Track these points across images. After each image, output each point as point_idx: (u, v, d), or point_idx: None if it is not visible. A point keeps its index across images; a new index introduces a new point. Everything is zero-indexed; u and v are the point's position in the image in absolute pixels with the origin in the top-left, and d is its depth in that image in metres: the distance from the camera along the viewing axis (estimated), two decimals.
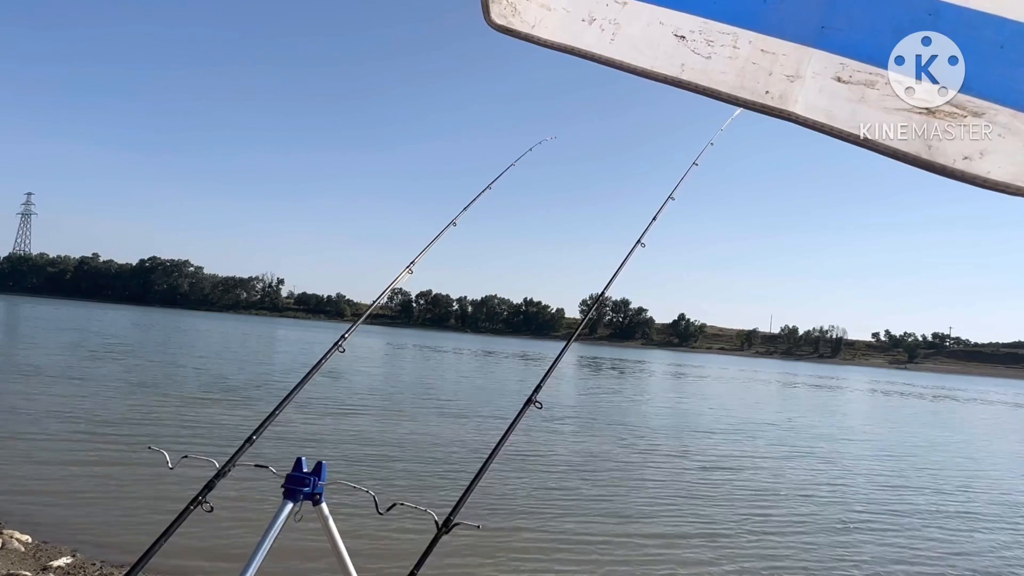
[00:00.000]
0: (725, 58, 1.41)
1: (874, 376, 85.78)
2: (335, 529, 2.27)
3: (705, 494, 9.95)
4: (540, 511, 8.22)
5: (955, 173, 1.23)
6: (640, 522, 8.17)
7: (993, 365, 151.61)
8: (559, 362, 2.57)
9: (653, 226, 2.94)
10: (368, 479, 8.93)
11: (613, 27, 1.50)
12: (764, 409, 26.09)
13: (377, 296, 3.23)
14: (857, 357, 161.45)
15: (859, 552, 7.72)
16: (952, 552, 8.08)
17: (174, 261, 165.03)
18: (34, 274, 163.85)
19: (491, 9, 1.57)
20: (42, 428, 10.59)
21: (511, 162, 3.84)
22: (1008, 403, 46.17)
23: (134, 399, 14.33)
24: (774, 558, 7.24)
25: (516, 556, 6.60)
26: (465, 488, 2.14)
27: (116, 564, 5.57)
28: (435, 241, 3.23)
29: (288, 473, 2.13)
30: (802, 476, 12.14)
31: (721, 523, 8.42)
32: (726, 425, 18.93)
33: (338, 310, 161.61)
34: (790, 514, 9.20)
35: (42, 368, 18.46)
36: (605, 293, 2.99)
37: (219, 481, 2.24)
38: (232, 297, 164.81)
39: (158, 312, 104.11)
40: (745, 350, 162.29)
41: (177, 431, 11.32)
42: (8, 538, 5.73)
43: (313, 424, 12.85)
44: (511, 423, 2.29)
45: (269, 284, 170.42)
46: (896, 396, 43.68)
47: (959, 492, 11.99)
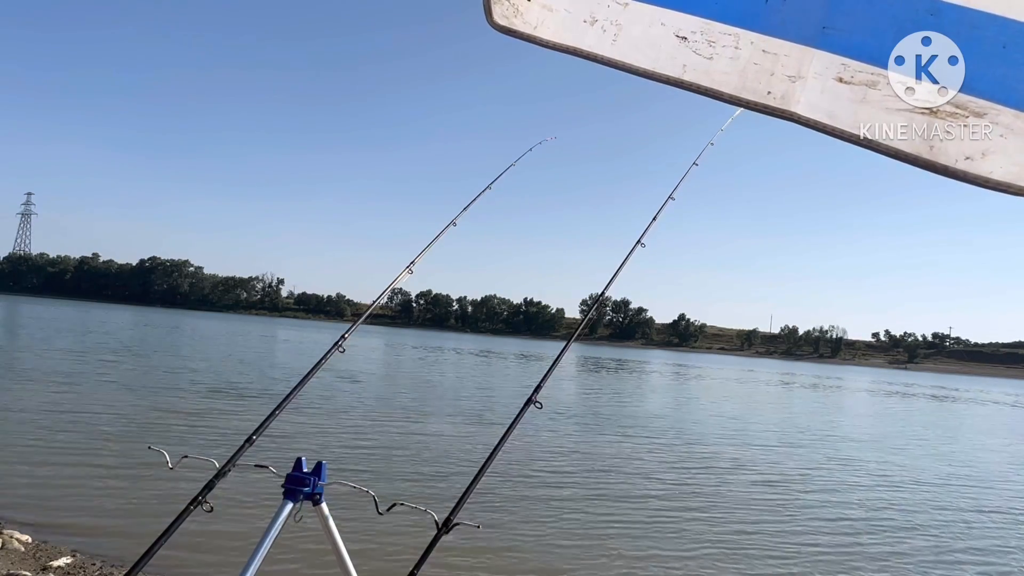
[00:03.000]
0: (727, 59, 1.41)
1: (875, 376, 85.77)
2: (335, 529, 2.26)
3: (706, 493, 9.95)
4: (540, 511, 8.22)
5: (957, 173, 1.23)
6: (640, 521, 8.17)
7: (993, 365, 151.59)
8: (559, 362, 2.56)
9: (653, 226, 2.94)
10: (368, 479, 8.93)
11: (615, 28, 1.49)
12: (764, 409, 26.09)
13: (377, 296, 3.23)
14: (857, 357, 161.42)
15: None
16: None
17: (174, 261, 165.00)
18: (34, 274, 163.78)
19: (493, 10, 1.57)
20: (42, 428, 10.58)
21: (511, 162, 3.84)
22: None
23: (134, 399, 14.32)
24: (772, 558, 7.24)
25: (516, 556, 6.60)
26: (465, 488, 2.14)
27: (116, 564, 5.57)
28: (435, 241, 3.23)
29: (288, 473, 2.13)
30: (802, 476, 12.14)
31: (722, 522, 8.42)
32: (726, 425, 18.93)
33: (338, 310, 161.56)
34: (791, 514, 9.20)
35: (42, 368, 18.46)
36: (605, 293, 2.99)
37: (219, 481, 2.24)
38: (232, 297, 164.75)
39: (158, 312, 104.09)
40: (745, 350, 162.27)
41: (177, 431, 11.33)
42: (8, 538, 5.73)
43: (313, 424, 12.84)
44: (511, 423, 2.29)
45: (269, 284, 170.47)
46: (898, 396, 43.68)
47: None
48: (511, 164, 3.83)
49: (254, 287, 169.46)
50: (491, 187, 3.66)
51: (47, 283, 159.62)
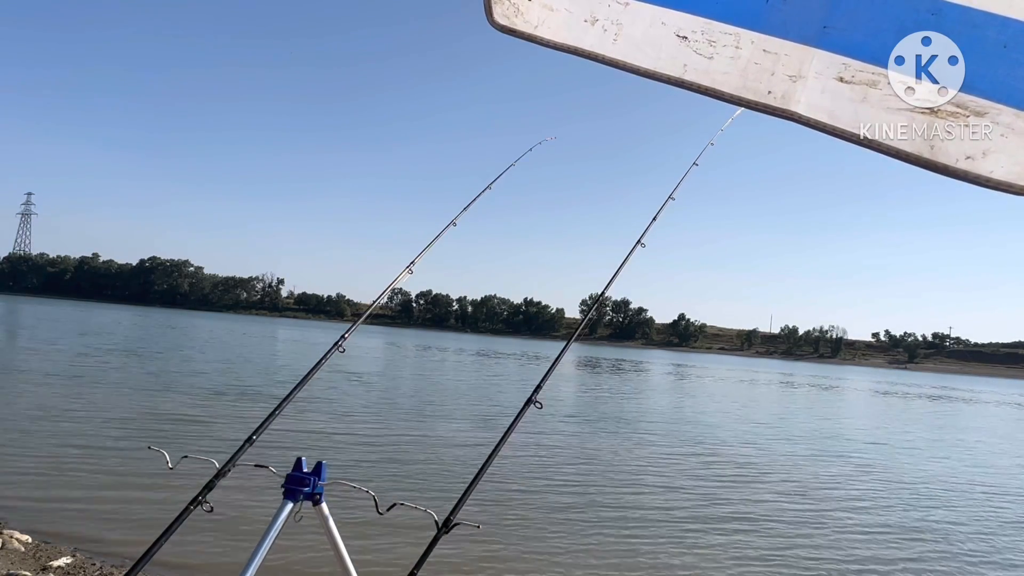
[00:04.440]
0: (727, 58, 1.41)
1: (875, 376, 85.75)
2: (335, 529, 2.27)
3: (706, 492, 9.94)
4: (540, 511, 8.22)
5: (957, 173, 1.23)
6: (641, 521, 8.17)
7: (993, 365, 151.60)
8: (559, 362, 2.56)
9: (653, 226, 2.94)
10: (368, 479, 8.93)
11: (615, 28, 1.49)
12: (763, 409, 26.10)
13: (377, 296, 3.23)
14: (857, 357, 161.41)
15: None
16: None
17: (174, 261, 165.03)
18: (34, 274, 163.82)
19: (494, 9, 1.57)
20: (42, 428, 10.58)
21: (511, 162, 3.85)
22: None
23: (134, 399, 14.32)
24: (774, 557, 7.24)
25: (516, 556, 6.60)
26: (465, 488, 2.14)
27: (116, 564, 5.57)
28: (435, 241, 3.23)
29: (288, 473, 2.13)
30: (801, 475, 12.14)
31: (722, 522, 8.42)
32: (726, 425, 18.93)
33: (338, 310, 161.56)
34: (792, 513, 9.20)
35: (42, 368, 18.46)
36: (605, 293, 2.99)
37: (219, 481, 2.24)
38: (232, 297, 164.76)
39: (158, 312, 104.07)
40: (745, 350, 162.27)
41: (177, 431, 11.32)
42: (8, 538, 5.73)
43: (313, 424, 12.84)
44: (511, 423, 2.29)
45: (269, 284, 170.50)
46: (912, 398, 43.68)
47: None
48: (511, 164, 3.84)
49: (254, 287, 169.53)
50: (491, 187, 3.67)
51: (47, 283, 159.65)
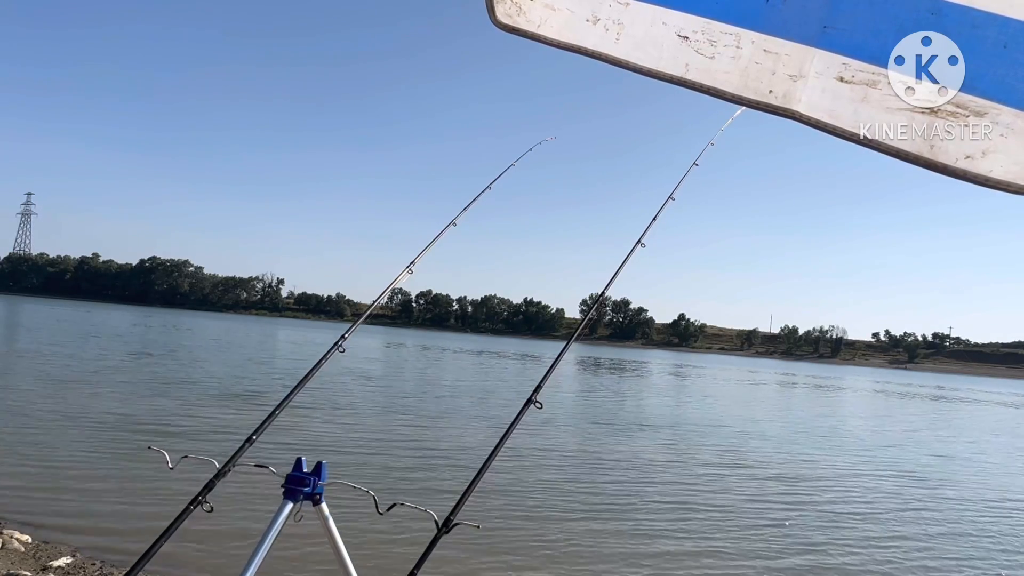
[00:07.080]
0: (728, 58, 1.41)
1: (875, 376, 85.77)
2: (335, 529, 2.26)
3: (707, 492, 9.94)
4: (540, 511, 8.22)
5: (957, 172, 1.23)
6: (641, 521, 8.17)
7: (993, 365, 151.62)
8: (559, 362, 2.56)
9: (653, 226, 2.94)
10: (368, 479, 8.93)
11: (617, 27, 1.50)
12: (763, 409, 26.10)
13: (377, 296, 3.22)
14: (857, 357, 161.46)
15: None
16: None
17: (174, 261, 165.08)
18: (34, 274, 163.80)
19: (496, 8, 1.57)
20: (42, 428, 10.58)
21: (511, 162, 3.84)
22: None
23: (134, 399, 14.32)
24: (771, 557, 7.24)
25: (516, 556, 6.60)
26: (465, 488, 2.13)
27: (116, 564, 5.57)
28: (435, 241, 3.23)
29: (288, 473, 2.13)
30: (800, 475, 12.14)
31: (723, 522, 8.42)
32: (726, 424, 18.93)
33: (338, 310, 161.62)
34: (793, 512, 9.20)
35: (42, 368, 18.46)
36: (605, 293, 2.99)
37: (219, 481, 2.23)
38: (232, 297, 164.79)
39: (158, 312, 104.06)
40: (745, 350, 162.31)
41: (177, 431, 11.32)
42: (8, 538, 5.73)
43: (313, 424, 12.84)
44: (511, 423, 2.28)
45: (269, 284, 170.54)
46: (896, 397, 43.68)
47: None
48: (511, 164, 3.83)
49: (254, 287, 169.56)
50: (491, 187, 3.66)
51: (47, 283, 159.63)
